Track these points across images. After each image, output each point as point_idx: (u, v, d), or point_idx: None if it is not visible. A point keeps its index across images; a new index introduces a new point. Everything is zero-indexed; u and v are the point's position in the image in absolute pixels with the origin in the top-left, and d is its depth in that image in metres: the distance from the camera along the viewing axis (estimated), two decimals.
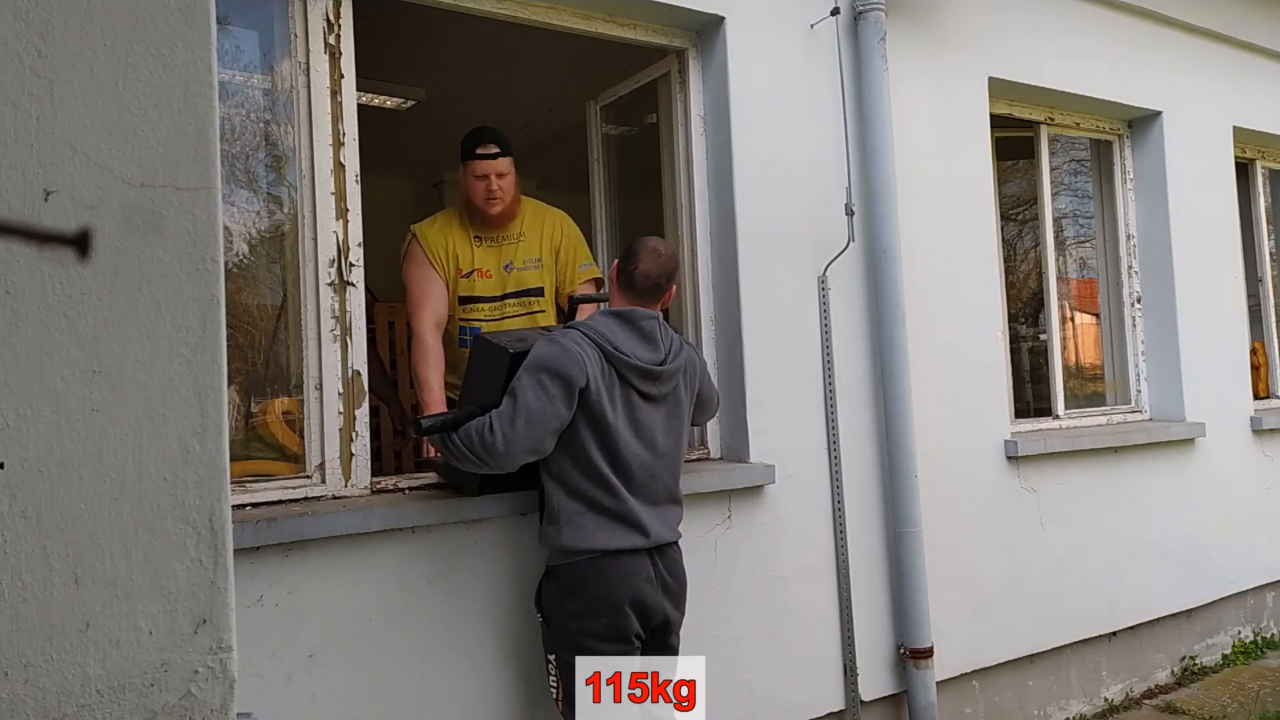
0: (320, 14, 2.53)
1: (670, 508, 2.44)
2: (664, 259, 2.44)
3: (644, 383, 2.35)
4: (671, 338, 2.45)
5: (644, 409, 2.37)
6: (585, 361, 2.26)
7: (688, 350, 2.50)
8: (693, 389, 2.51)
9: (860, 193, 3.31)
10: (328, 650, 2.30)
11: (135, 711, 1.28)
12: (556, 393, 2.23)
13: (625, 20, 3.07)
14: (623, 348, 2.32)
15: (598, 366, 2.28)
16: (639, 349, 2.35)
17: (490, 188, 2.98)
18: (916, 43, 3.59)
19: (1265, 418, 4.73)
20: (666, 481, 2.41)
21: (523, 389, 2.24)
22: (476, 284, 3.08)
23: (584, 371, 2.25)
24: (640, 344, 2.36)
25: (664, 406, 2.41)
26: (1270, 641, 4.75)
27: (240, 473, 2.40)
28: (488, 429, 2.23)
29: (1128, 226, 4.55)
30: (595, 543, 2.27)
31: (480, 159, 2.98)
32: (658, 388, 2.38)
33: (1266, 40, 4.88)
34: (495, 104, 5.07)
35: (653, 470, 2.36)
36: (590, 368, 2.26)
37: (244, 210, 2.59)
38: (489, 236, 3.10)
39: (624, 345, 2.33)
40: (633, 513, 2.31)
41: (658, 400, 2.40)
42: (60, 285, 1.25)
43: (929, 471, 3.38)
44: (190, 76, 1.35)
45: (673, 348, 2.43)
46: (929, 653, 3.29)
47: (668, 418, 2.42)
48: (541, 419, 2.22)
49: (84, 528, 1.26)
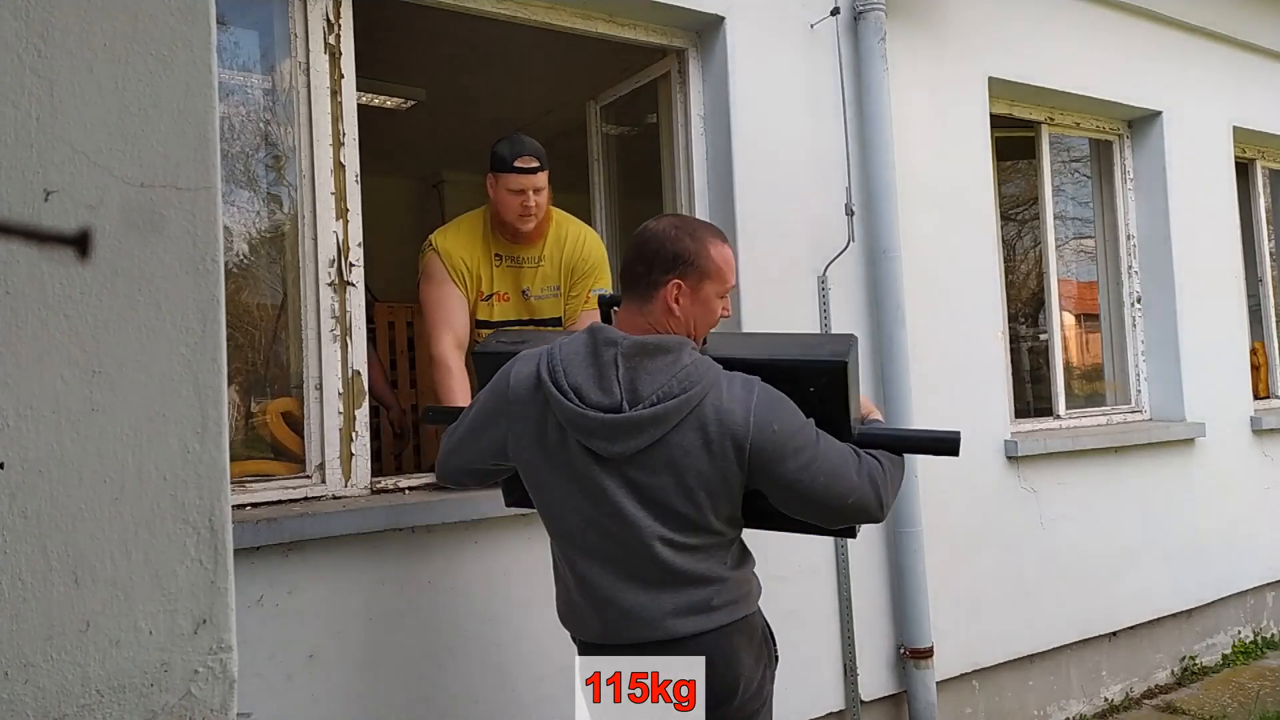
0: (320, 14, 2.53)
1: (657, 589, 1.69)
2: (647, 237, 1.72)
3: (588, 438, 1.62)
4: (661, 374, 1.60)
5: (597, 473, 1.65)
6: (519, 400, 1.70)
7: (711, 402, 1.61)
8: (698, 469, 1.61)
9: (860, 193, 3.31)
10: (328, 650, 2.30)
11: (135, 711, 1.28)
12: (481, 425, 1.78)
13: (625, 20, 3.07)
14: (570, 380, 1.63)
15: (534, 408, 1.68)
16: (587, 385, 1.62)
17: (526, 204, 2.73)
18: (916, 43, 3.59)
19: (1265, 418, 4.73)
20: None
21: (472, 403, 1.85)
22: (495, 308, 2.88)
23: (510, 413, 1.72)
24: (591, 378, 1.63)
25: (629, 475, 1.63)
26: (1270, 641, 4.75)
27: (240, 473, 2.40)
28: (447, 433, 1.89)
29: (1128, 226, 4.55)
30: None
31: (519, 173, 2.71)
32: (610, 444, 1.61)
33: (1266, 40, 4.88)
34: (495, 104, 5.07)
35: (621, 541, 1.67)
36: (520, 408, 1.70)
37: (244, 210, 2.59)
38: (510, 256, 2.88)
39: (574, 377, 1.64)
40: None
41: (619, 464, 1.63)
42: (60, 285, 1.25)
43: (929, 471, 3.37)
44: (190, 76, 1.35)
45: (656, 392, 1.59)
46: (929, 653, 3.29)
47: (632, 496, 1.63)
48: (463, 450, 1.84)
49: (84, 528, 1.26)
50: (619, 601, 1.69)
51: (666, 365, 1.61)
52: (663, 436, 1.60)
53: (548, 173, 2.78)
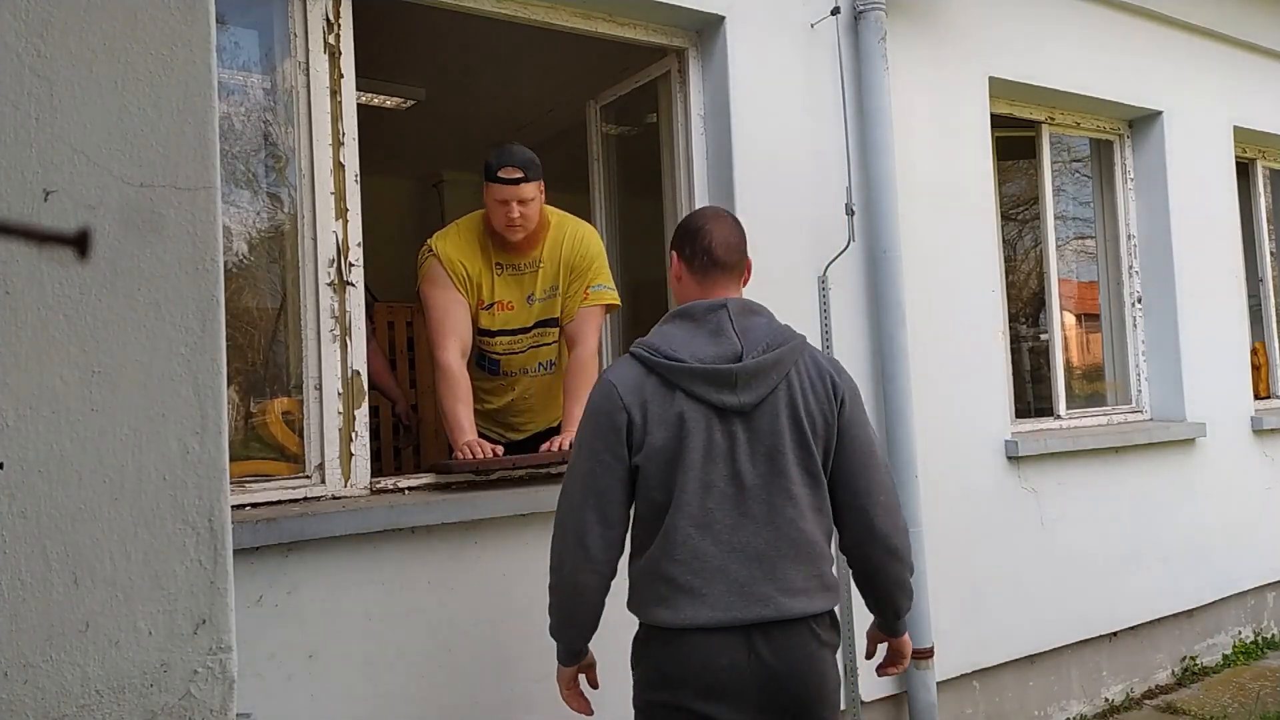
0: (320, 14, 2.53)
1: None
2: (734, 222, 1.96)
3: (718, 391, 1.76)
4: (763, 329, 1.82)
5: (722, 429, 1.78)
6: (623, 392, 1.79)
7: (808, 355, 1.86)
8: (811, 413, 1.80)
9: (860, 192, 3.31)
10: (328, 650, 2.30)
11: (135, 711, 1.28)
12: (601, 445, 1.80)
13: (625, 20, 3.07)
14: (685, 351, 1.78)
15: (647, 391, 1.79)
16: (700, 348, 1.78)
17: (510, 215, 2.69)
18: (917, 42, 3.59)
19: (1266, 418, 4.73)
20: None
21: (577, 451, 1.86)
22: (497, 316, 2.87)
23: (623, 407, 1.78)
24: (705, 341, 1.80)
25: (750, 423, 1.78)
26: (1271, 641, 4.75)
27: (240, 473, 2.40)
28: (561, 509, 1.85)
29: (1128, 226, 4.55)
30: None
31: (502, 183, 2.67)
32: (740, 394, 1.76)
33: (1266, 40, 4.88)
34: (495, 104, 5.07)
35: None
36: (630, 396, 1.79)
37: (244, 210, 2.59)
38: (510, 264, 2.85)
39: (682, 349, 1.78)
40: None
41: (742, 415, 1.78)
42: (60, 285, 1.25)
43: (929, 471, 3.37)
44: (190, 76, 1.35)
45: (763, 342, 1.79)
46: (929, 653, 3.29)
47: (753, 440, 1.78)
48: (593, 482, 1.80)
49: (83, 528, 1.25)
50: (737, 574, 1.75)
51: (766, 322, 1.85)
52: (778, 383, 1.78)
53: (539, 183, 2.72)
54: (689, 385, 1.76)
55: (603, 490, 1.78)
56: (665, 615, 1.75)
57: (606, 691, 2.01)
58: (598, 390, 1.84)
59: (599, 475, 1.78)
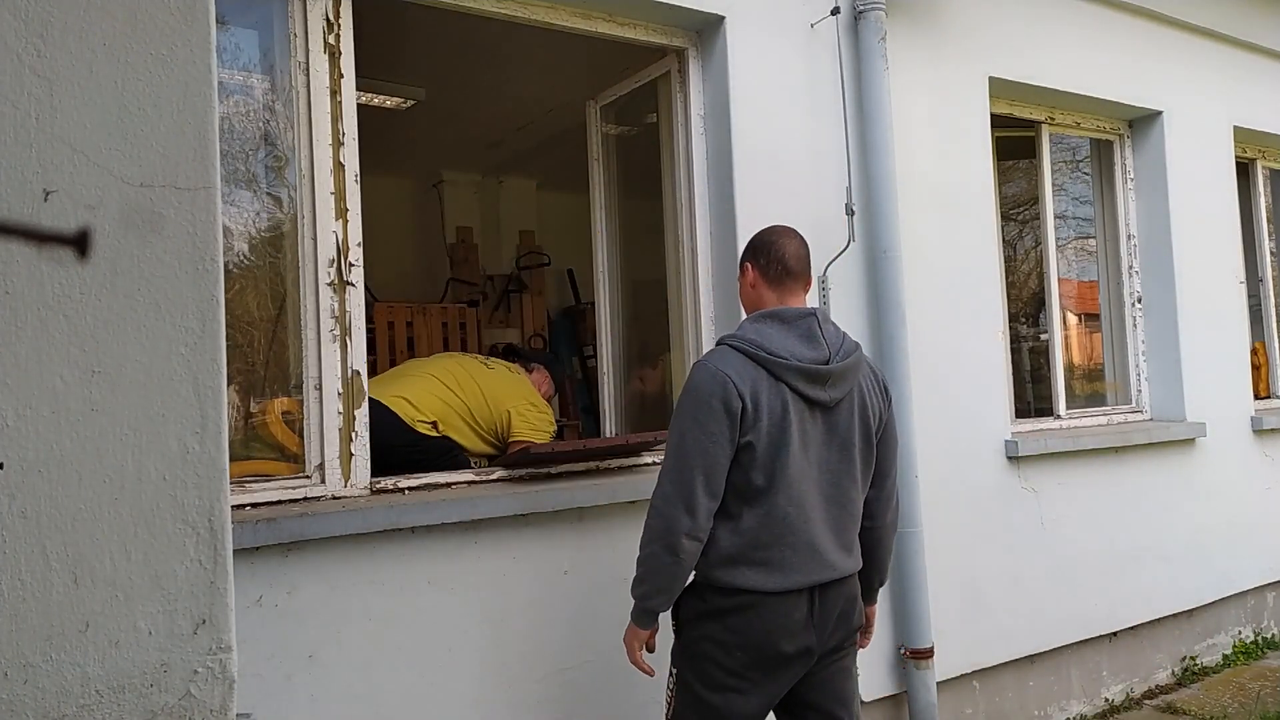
0: (320, 14, 2.53)
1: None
2: (800, 238, 2.22)
3: (812, 386, 2.05)
4: (839, 336, 2.14)
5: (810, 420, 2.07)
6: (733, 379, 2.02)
7: (866, 360, 2.21)
8: (874, 410, 2.17)
9: (860, 193, 3.31)
10: (328, 650, 2.30)
11: (135, 711, 1.28)
12: (715, 426, 2.01)
13: (625, 20, 3.07)
14: (785, 349, 2.04)
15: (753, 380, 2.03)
16: (797, 349, 2.05)
17: None
18: (917, 42, 3.59)
19: (1266, 418, 4.73)
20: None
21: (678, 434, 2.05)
22: None
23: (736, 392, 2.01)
24: (799, 343, 2.06)
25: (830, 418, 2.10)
26: (1271, 641, 4.75)
27: (240, 473, 2.40)
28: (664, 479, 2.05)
29: (1128, 226, 4.55)
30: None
31: None
32: (832, 390, 2.07)
33: (1266, 40, 4.88)
34: (495, 104, 5.07)
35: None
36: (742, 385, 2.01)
37: (244, 210, 2.59)
38: None
39: (781, 348, 2.04)
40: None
41: (825, 409, 2.09)
42: (60, 285, 1.25)
43: (929, 471, 3.37)
44: (190, 76, 1.35)
45: (843, 348, 2.11)
46: (929, 653, 3.29)
47: (829, 432, 2.10)
48: (704, 451, 2.01)
49: (83, 528, 1.25)
50: (817, 544, 2.06)
51: (838, 330, 2.16)
52: (854, 384, 2.12)
53: None
54: (793, 380, 2.03)
55: (712, 465, 1.99)
56: (759, 580, 2.02)
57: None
58: (707, 376, 2.03)
59: (711, 452, 1.99)
